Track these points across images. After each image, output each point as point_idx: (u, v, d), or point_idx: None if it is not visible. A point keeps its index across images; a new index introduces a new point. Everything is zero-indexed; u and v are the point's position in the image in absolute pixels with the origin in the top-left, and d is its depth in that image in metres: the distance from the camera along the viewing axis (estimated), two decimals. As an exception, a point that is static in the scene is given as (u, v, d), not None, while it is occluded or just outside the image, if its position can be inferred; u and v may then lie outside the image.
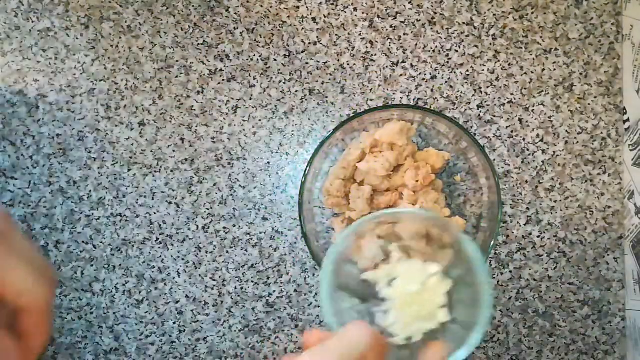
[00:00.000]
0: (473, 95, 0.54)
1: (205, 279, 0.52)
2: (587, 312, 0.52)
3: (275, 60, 0.54)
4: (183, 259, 0.52)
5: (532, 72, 0.54)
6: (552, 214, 0.53)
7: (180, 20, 0.54)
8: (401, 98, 0.53)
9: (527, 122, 0.53)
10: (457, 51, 0.54)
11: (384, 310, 0.39)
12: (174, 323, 0.52)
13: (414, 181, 0.48)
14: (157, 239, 0.52)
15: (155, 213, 0.53)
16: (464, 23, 0.54)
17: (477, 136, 0.53)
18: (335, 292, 0.38)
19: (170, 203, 0.53)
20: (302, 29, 0.54)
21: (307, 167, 0.47)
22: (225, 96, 0.53)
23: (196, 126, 0.53)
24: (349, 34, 0.54)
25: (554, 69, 0.54)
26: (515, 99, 0.54)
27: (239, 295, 0.52)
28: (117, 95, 0.53)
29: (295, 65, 0.53)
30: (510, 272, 0.53)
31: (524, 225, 0.53)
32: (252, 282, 0.52)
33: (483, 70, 0.54)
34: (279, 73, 0.53)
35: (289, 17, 0.54)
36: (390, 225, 0.45)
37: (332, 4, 0.54)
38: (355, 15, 0.54)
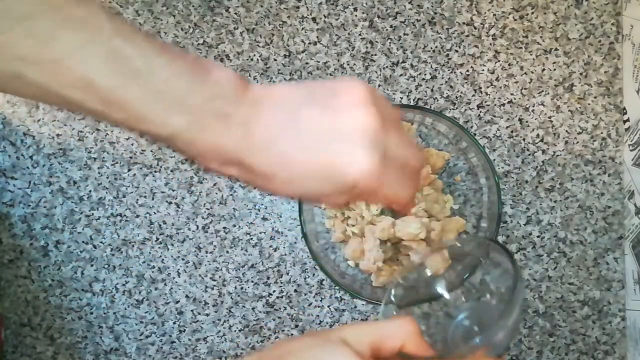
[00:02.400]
0: (473, 95, 0.54)
1: (205, 279, 0.52)
2: (587, 312, 0.52)
3: (275, 60, 0.54)
4: (183, 259, 0.52)
5: (532, 72, 0.54)
6: (552, 214, 0.53)
7: (180, 20, 0.54)
8: (401, 98, 0.53)
9: (527, 122, 0.53)
10: (457, 51, 0.54)
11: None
12: (174, 323, 0.52)
13: None
14: (157, 239, 0.52)
15: (155, 213, 0.53)
16: (464, 23, 0.54)
17: (477, 136, 0.53)
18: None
19: (170, 203, 0.53)
20: (302, 29, 0.54)
21: (307, 167, 0.47)
22: (225, 96, 0.53)
23: (196, 126, 0.53)
24: (349, 34, 0.54)
25: (554, 69, 0.54)
26: (515, 99, 0.54)
27: (239, 295, 0.52)
28: (117, 95, 0.53)
29: (295, 65, 0.53)
30: (510, 272, 0.53)
31: (524, 225, 0.53)
32: (252, 282, 0.52)
33: (483, 70, 0.54)
34: (279, 73, 0.53)
35: (289, 17, 0.54)
36: (390, 227, 0.45)
37: (332, 4, 0.54)
38: (355, 15, 0.54)
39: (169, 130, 0.31)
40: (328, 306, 0.52)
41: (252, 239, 0.52)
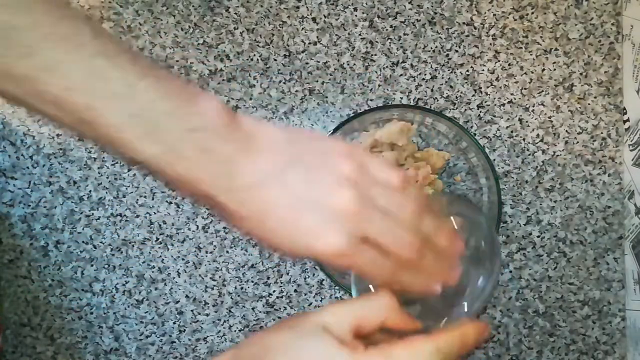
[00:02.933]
0: (473, 95, 0.54)
1: (205, 279, 0.52)
2: (587, 312, 0.52)
3: (275, 60, 0.54)
4: (183, 259, 0.52)
5: (532, 72, 0.54)
6: (552, 214, 0.53)
7: (180, 20, 0.54)
8: (401, 98, 0.53)
9: (527, 122, 0.53)
10: (457, 51, 0.54)
11: None
12: (174, 323, 0.52)
13: (413, 181, 0.48)
14: (157, 239, 0.52)
15: (155, 213, 0.53)
16: (464, 23, 0.54)
17: (477, 136, 0.53)
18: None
19: (170, 203, 0.53)
20: (302, 29, 0.54)
21: (307, 167, 0.47)
22: (225, 96, 0.53)
23: (196, 126, 0.53)
24: (349, 34, 0.54)
25: (554, 69, 0.54)
26: (515, 99, 0.54)
27: (239, 295, 0.52)
28: (117, 95, 0.53)
29: (295, 65, 0.53)
30: (510, 272, 0.53)
31: (524, 225, 0.53)
32: (252, 282, 0.52)
33: (483, 70, 0.54)
34: (279, 73, 0.53)
35: (289, 17, 0.54)
36: None
37: (332, 4, 0.54)
38: (355, 15, 0.54)
39: (140, 157, 0.29)
40: (328, 306, 0.52)
41: (252, 239, 0.52)
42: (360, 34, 0.54)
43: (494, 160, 0.53)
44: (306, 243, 0.31)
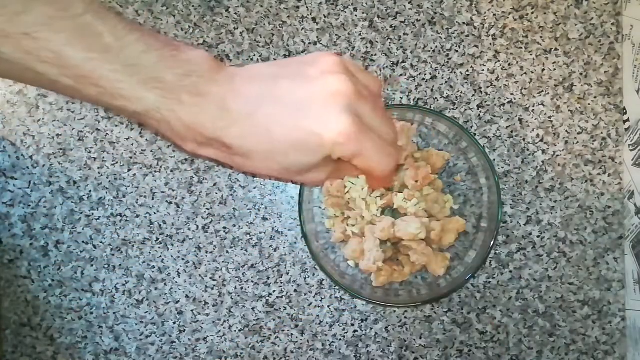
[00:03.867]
0: (473, 95, 0.54)
1: (205, 279, 0.52)
2: (587, 312, 0.52)
3: (275, 60, 0.54)
4: (183, 259, 0.52)
5: (532, 72, 0.54)
6: (552, 214, 0.53)
7: (180, 20, 0.54)
8: (401, 98, 0.53)
9: (527, 122, 0.53)
10: (457, 51, 0.54)
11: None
12: (174, 323, 0.52)
13: (413, 181, 0.48)
14: (157, 239, 0.52)
15: (155, 213, 0.53)
16: (464, 23, 0.54)
17: (477, 136, 0.53)
18: None
19: (170, 203, 0.53)
20: (302, 29, 0.54)
21: (307, 167, 0.47)
22: (225, 96, 0.53)
23: (196, 126, 0.53)
24: (349, 34, 0.54)
25: (554, 69, 0.54)
26: (515, 99, 0.54)
27: (239, 295, 0.52)
28: (117, 95, 0.53)
29: (295, 65, 0.53)
30: (510, 272, 0.53)
31: (524, 225, 0.53)
32: (252, 282, 0.52)
33: (483, 70, 0.54)
34: (279, 73, 0.53)
35: (289, 17, 0.54)
36: (390, 227, 0.46)
37: (332, 4, 0.54)
38: (355, 15, 0.54)
39: (142, 107, 0.31)
40: (328, 306, 0.52)
41: (252, 239, 0.52)
42: (360, 34, 0.54)
43: (494, 160, 0.53)
44: (317, 139, 0.32)
